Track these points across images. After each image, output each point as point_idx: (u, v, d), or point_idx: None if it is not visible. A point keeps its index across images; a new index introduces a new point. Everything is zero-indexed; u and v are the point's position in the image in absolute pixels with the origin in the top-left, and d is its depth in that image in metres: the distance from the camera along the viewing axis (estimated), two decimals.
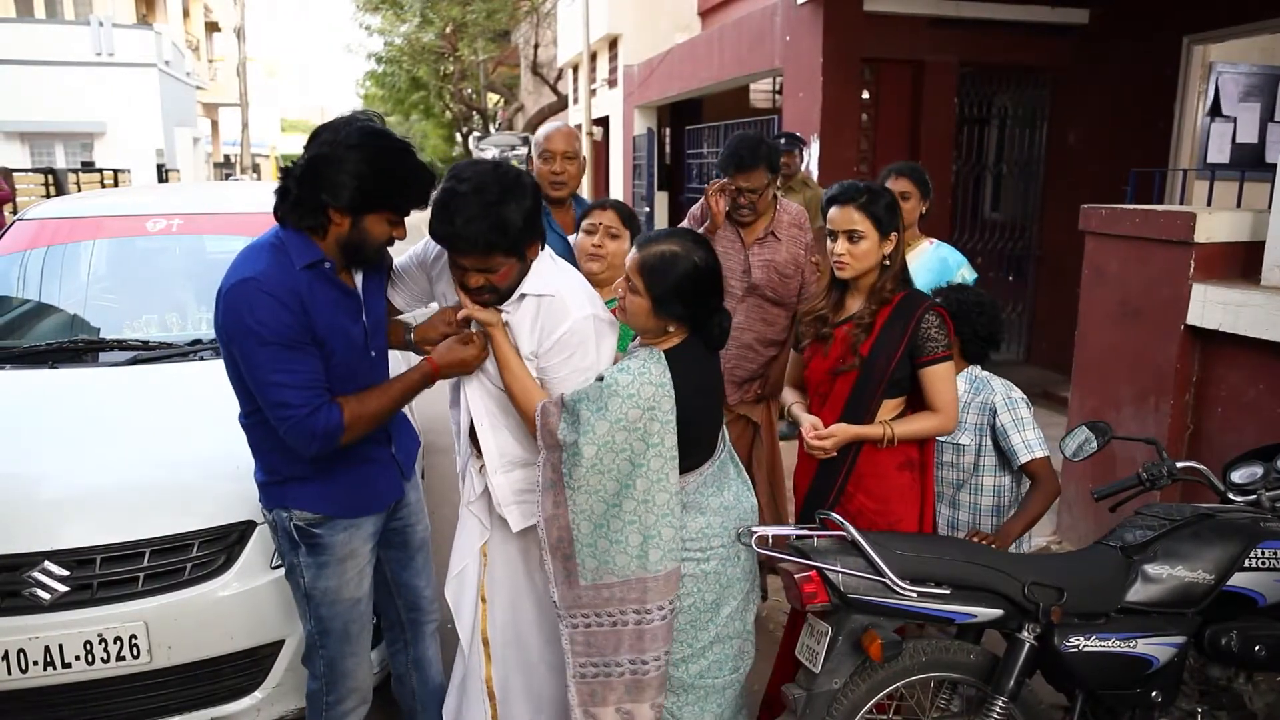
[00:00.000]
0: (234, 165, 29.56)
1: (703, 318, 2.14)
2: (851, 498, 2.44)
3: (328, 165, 1.92)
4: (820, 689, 2.06)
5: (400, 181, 1.99)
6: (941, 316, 2.40)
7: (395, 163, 1.96)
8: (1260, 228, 3.42)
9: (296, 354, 1.95)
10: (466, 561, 2.37)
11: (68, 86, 20.32)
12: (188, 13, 29.51)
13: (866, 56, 7.07)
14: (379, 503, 2.26)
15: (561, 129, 3.22)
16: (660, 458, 2.04)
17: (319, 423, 1.97)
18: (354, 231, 2.00)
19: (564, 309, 2.12)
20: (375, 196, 1.97)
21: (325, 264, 2.02)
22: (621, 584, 2.06)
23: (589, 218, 2.69)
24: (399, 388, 2.15)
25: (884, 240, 2.39)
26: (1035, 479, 2.66)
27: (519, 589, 2.32)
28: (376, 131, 1.96)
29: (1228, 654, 2.17)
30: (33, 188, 13.08)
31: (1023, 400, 2.70)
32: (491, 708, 2.35)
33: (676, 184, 13.55)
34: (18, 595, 2.25)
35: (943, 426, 2.40)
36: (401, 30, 26.05)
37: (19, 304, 3.40)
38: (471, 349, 2.15)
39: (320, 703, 2.28)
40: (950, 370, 2.39)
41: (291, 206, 1.98)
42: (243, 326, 1.92)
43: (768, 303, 3.31)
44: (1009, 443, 2.66)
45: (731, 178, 3.17)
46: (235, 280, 1.94)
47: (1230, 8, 5.71)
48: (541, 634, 2.33)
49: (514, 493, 2.25)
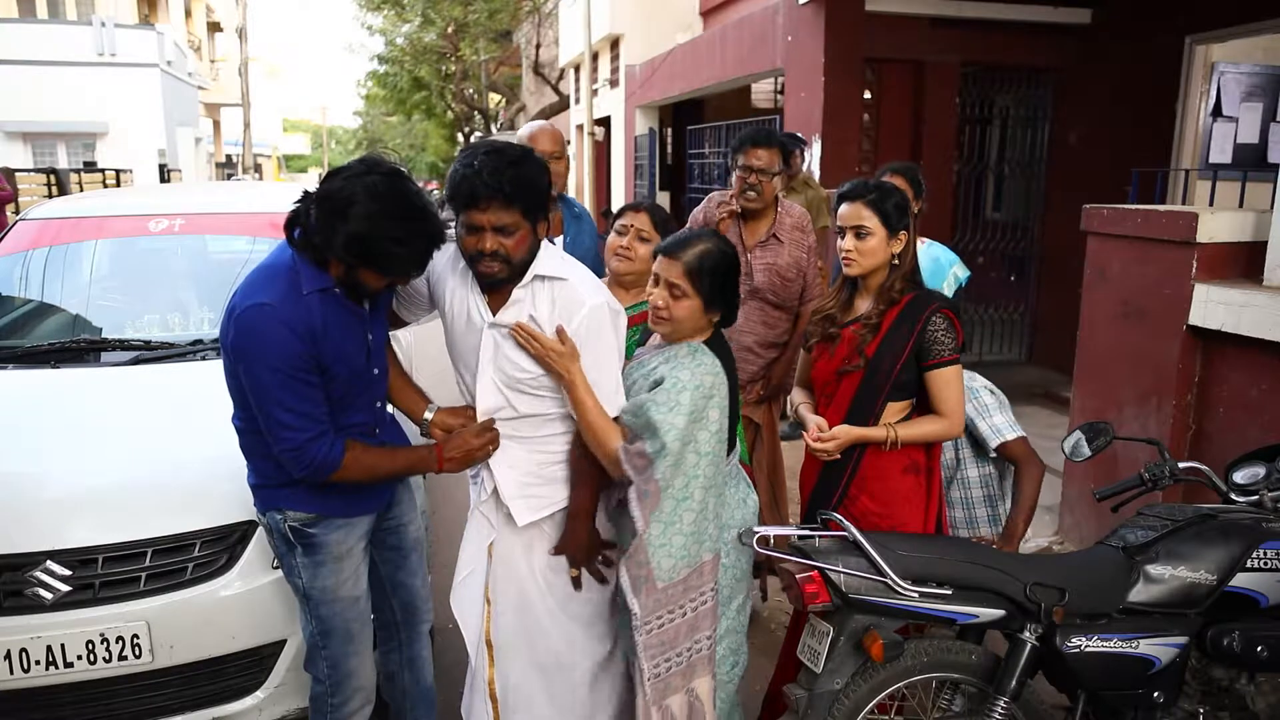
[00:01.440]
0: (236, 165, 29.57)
1: (735, 305, 2.27)
2: (855, 500, 2.43)
3: (327, 213, 1.92)
4: (822, 689, 2.06)
5: (393, 250, 1.94)
6: (949, 319, 2.37)
7: (391, 231, 1.91)
8: (1262, 228, 3.41)
9: (301, 384, 1.98)
10: (474, 566, 2.35)
11: (70, 87, 20.34)
12: (190, 13, 29.55)
13: (868, 56, 7.07)
14: (371, 504, 2.27)
15: (546, 128, 3.19)
16: (715, 438, 2.13)
17: (317, 453, 2.00)
18: (349, 276, 2.01)
19: (578, 296, 2.12)
20: (367, 259, 1.95)
21: (335, 290, 2.04)
22: (694, 572, 2.12)
23: (622, 218, 2.64)
24: (404, 461, 2.21)
25: (892, 238, 2.38)
26: (1016, 462, 2.67)
27: (524, 590, 2.30)
28: (382, 194, 1.91)
29: (1230, 655, 2.17)
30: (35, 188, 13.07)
31: (985, 387, 2.71)
32: (493, 710, 2.34)
33: (678, 184, 13.53)
34: (20, 595, 2.25)
35: (948, 431, 2.38)
36: (403, 30, 26.05)
37: (21, 304, 3.40)
38: (481, 440, 2.17)
39: (325, 705, 2.28)
40: (957, 374, 2.37)
41: (299, 235, 2.01)
42: (254, 351, 1.94)
43: (769, 305, 3.32)
44: (978, 432, 2.67)
45: (746, 156, 3.23)
46: (251, 304, 1.96)
47: (1232, 8, 5.71)
48: (547, 634, 2.31)
49: (519, 486, 2.24)
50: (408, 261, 2.00)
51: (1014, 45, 7.18)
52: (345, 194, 1.89)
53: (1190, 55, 6.17)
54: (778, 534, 2.14)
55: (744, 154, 3.24)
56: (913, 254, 2.44)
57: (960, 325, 2.41)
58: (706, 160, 10.19)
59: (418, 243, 1.97)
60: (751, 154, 3.22)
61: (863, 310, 2.44)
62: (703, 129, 10.46)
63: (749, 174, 3.23)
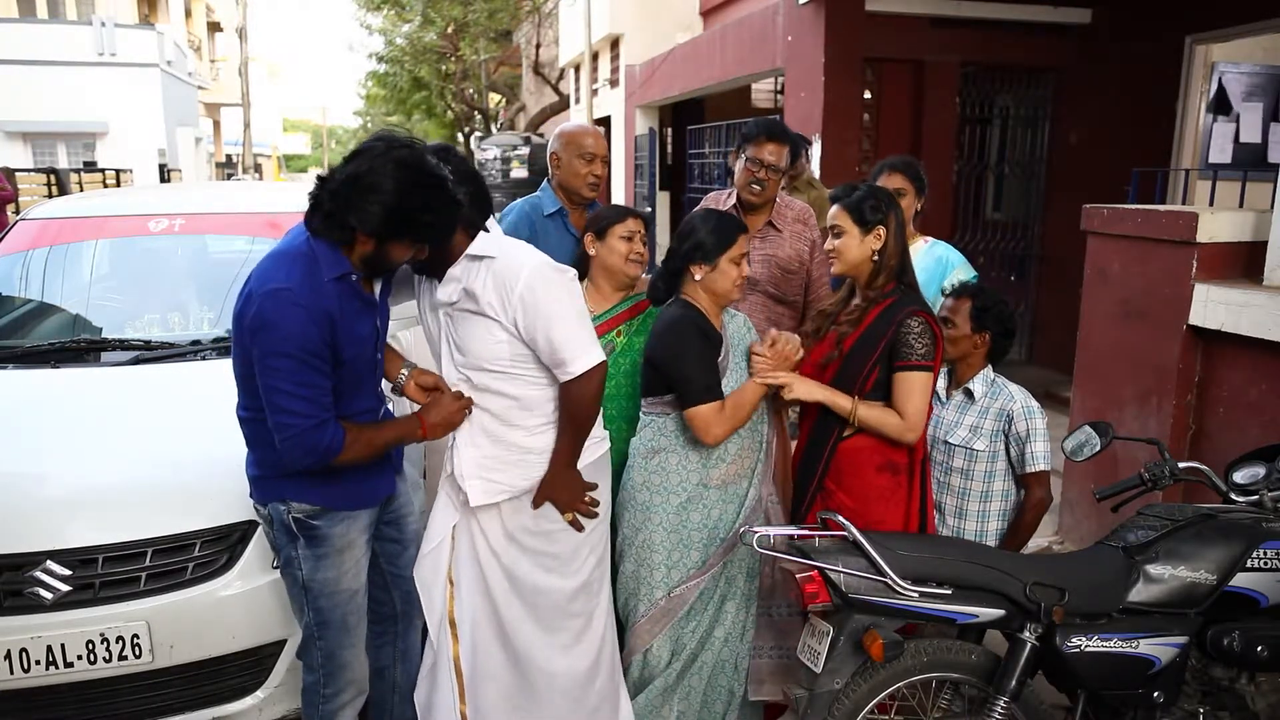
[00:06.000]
0: (236, 165, 29.56)
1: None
2: (832, 495, 2.47)
3: (359, 191, 1.96)
4: (822, 689, 2.06)
5: (428, 218, 2.02)
6: (927, 323, 2.38)
7: (426, 200, 2.00)
8: (1263, 228, 3.41)
9: (312, 370, 2.00)
10: (440, 539, 2.38)
11: (70, 86, 20.34)
12: (190, 12, 29.55)
13: (868, 56, 7.07)
14: (374, 497, 2.28)
15: (596, 130, 3.21)
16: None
17: (322, 438, 2.01)
18: (377, 253, 2.06)
19: (513, 265, 2.18)
20: (401, 228, 2.01)
21: (353, 276, 2.08)
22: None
23: (625, 223, 2.67)
24: (392, 433, 2.23)
25: (866, 235, 2.41)
26: (1030, 490, 2.64)
27: (482, 570, 2.34)
28: (411, 164, 1.98)
29: (1230, 655, 2.16)
30: (35, 188, 13.09)
31: (1039, 410, 2.66)
32: (459, 685, 2.37)
33: (678, 184, 13.52)
34: (20, 595, 2.25)
35: (902, 432, 2.38)
36: (403, 30, 26.04)
37: (22, 304, 3.40)
38: (459, 405, 2.24)
39: (317, 695, 2.28)
40: (924, 382, 2.36)
41: (322, 220, 2.03)
42: (270, 334, 1.97)
43: (771, 300, 3.26)
44: (1020, 451, 2.62)
45: (756, 148, 3.14)
46: (271, 287, 1.98)
47: (1233, 7, 5.70)
48: (511, 611, 2.34)
49: (477, 465, 2.28)
50: (442, 227, 2.07)
51: (1014, 45, 7.18)
52: (376, 171, 1.95)
53: (1190, 55, 6.17)
54: (778, 533, 2.14)
55: (754, 145, 3.14)
56: (896, 251, 2.44)
57: (940, 334, 2.41)
58: (706, 160, 10.18)
59: (449, 208, 2.05)
60: (763, 147, 3.12)
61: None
62: (703, 129, 10.46)
63: (758, 168, 3.13)
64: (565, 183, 3.12)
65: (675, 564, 2.45)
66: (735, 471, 2.48)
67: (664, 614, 2.45)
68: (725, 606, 2.48)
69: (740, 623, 2.50)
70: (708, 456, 2.45)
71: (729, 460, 2.47)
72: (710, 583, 2.46)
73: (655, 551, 2.45)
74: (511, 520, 2.31)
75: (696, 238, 2.45)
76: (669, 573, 2.45)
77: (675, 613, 2.45)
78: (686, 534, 2.44)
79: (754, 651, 2.51)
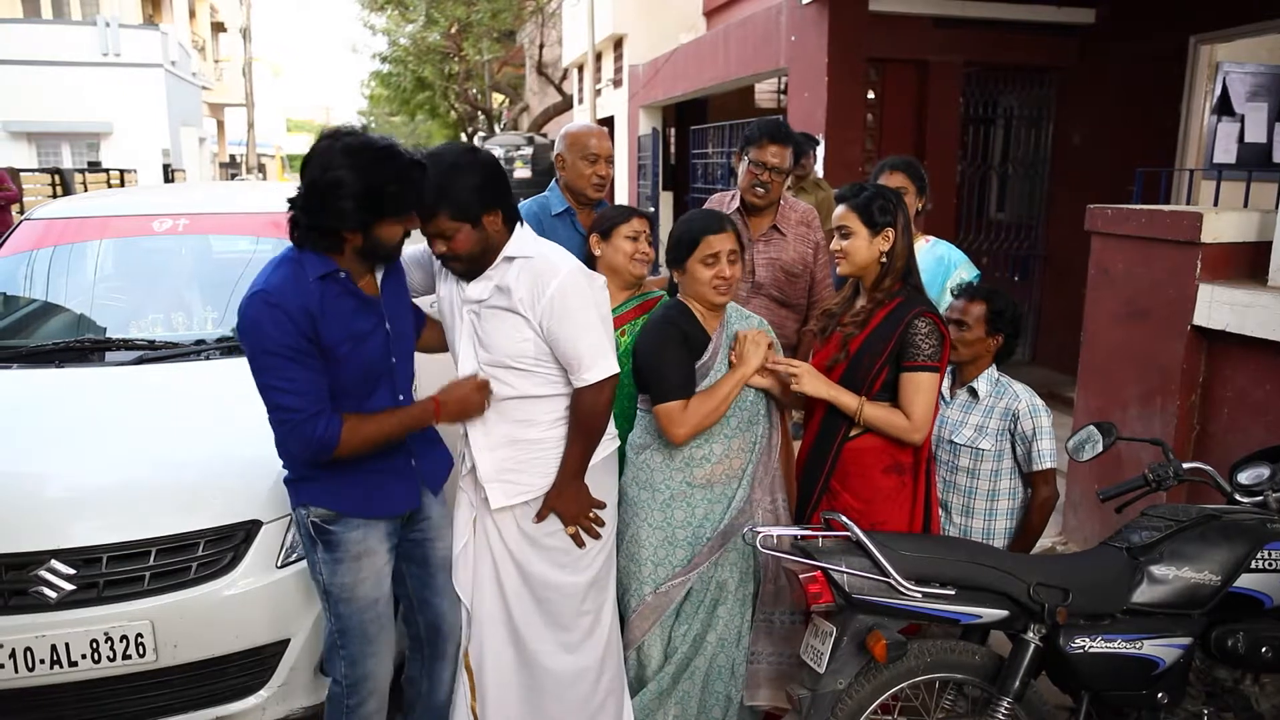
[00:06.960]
0: (240, 165, 29.61)
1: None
2: (837, 495, 2.46)
3: (324, 195, 2.00)
4: (825, 689, 2.06)
5: (394, 188, 2.04)
6: (934, 325, 2.37)
7: (384, 173, 2.02)
8: (1267, 228, 3.40)
9: (297, 365, 2.03)
10: (465, 539, 2.41)
11: (74, 86, 20.39)
12: (194, 13, 29.61)
13: (872, 56, 7.06)
14: (392, 508, 2.28)
15: (601, 131, 3.21)
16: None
17: (315, 430, 2.03)
18: (368, 242, 2.09)
19: (550, 266, 2.21)
20: (377, 208, 2.03)
21: (340, 274, 2.10)
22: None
23: (629, 224, 2.68)
24: (397, 420, 2.21)
25: (875, 236, 2.40)
26: (1036, 488, 2.64)
27: (496, 568, 2.36)
28: (358, 148, 2.01)
29: (1234, 656, 2.16)
30: (39, 188, 13.14)
31: (1044, 408, 2.66)
32: (469, 680, 2.41)
33: (681, 184, 13.52)
34: (24, 594, 2.26)
35: (908, 432, 2.38)
36: (406, 30, 26.08)
37: (26, 303, 3.41)
38: (477, 391, 2.25)
39: (341, 706, 2.28)
40: (931, 382, 2.36)
41: (305, 234, 2.07)
42: (252, 335, 2.03)
43: (775, 304, 3.25)
44: (1026, 449, 2.62)
45: (760, 150, 3.14)
46: (249, 293, 2.05)
47: (1237, 7, 5.69)
48: (521, 607, 2.36)
49: (497, 470, 2.30)
50: (411, 195, 2.09)
51: (1017, 45, 7.17)
52: (331, 167, 1.99)
53: (1195, 55, 6.15)
54: (781, 534, 2.14)
55: (757, 148, 3.14)
56: (904, 252, 2.44)
57: (947, 335, 2.41)
58: (710, 160, 10.19)
59: (410, 173, 2.06)
60: (766, 149, 3.13)
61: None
62: (706, 129, 10.46)
63: (762, 171, 3.14)
64: (571, 184, 3.13)
65: (661, 561, 2.45)
66: (723, 472, 2.46)
67: (652, 610, 2.46)
68: (717, 610, 2.47)
69: (735, 627, 2.49)
70: (691, 455, 2.44)
71: (715, 460, 2.45)
72: (700, 584, 2.45)
73: (643, 547, 2.47)
74: (525, 518, 2.33)
75: (669, 243, 2.47)
76: (655, 569, 2.46)
77: (662, 610, 2.45)
78: (671, 531, 2.44)
79: (751, 658, 2.49)
